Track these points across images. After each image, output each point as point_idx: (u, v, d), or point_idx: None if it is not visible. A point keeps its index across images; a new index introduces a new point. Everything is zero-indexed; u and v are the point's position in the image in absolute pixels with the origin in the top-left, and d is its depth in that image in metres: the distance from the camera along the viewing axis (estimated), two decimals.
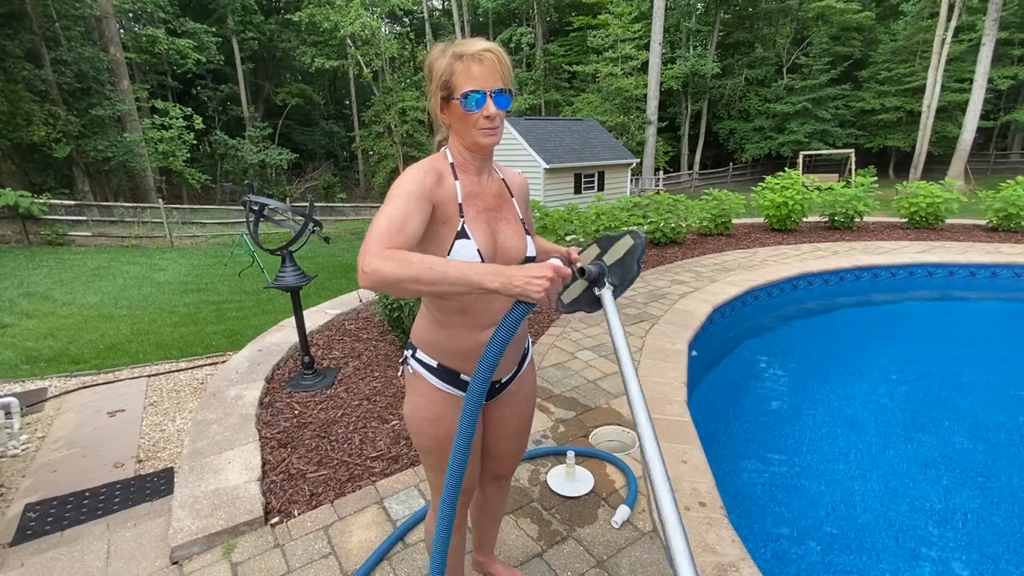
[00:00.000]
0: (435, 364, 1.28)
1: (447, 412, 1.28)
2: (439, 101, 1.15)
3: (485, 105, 1.10)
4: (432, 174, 1.13)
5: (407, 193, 1.07)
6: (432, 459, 1.35)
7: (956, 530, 2.47)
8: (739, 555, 1.85)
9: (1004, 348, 4.67)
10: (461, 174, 1.20)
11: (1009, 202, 7.70)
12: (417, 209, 1.06)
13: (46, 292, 7.52)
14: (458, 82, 1.09)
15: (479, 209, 1.20)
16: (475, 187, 1.21)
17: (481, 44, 1.10)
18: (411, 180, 1.09)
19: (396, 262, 0.92)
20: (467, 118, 1.12)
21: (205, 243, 13.65)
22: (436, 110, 1.17)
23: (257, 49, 26.23)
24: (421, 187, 1.09)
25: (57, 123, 14.99)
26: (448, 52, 1.11)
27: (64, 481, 2.61)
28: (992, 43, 16.89)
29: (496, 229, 1.22)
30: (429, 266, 0.92)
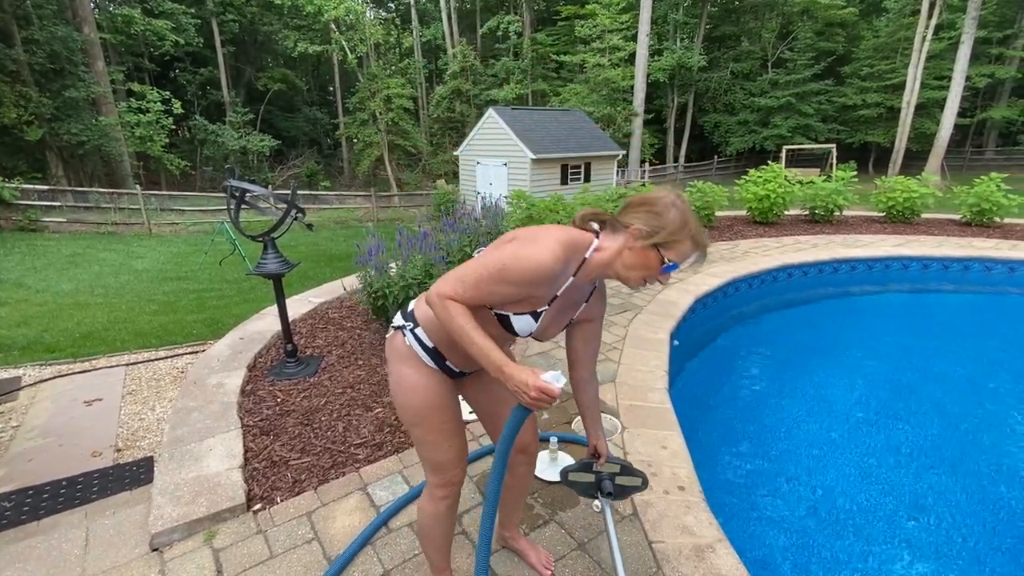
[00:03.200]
0: (431, 346, 1.38)
1: (430, 383, 1.39)
2: (650, 236, 1.19)
3: (666, 276, 1.24)
4: (553, 277, 1.21)
5: (513, 276, 1.18)
6: (422, 429, 1.41)
7: (926, 513, 2.56)
8: (716, 537, 1.91)
9: (975, 339, 4.83)
10: (581, 274, 1.29)
11: (982, 198, 7.91)
12: (507, 292, 1.21)
13: (18, 279, 7.31)
14: (675, 251, 1.20)
15: (561, 305, 1.34)
16: (574, 288, 1.33)
17: (707, 242, 1.24)
18: (533, 270, 1.17)
19: (448, 313, 1.18)
20: (650, 268, 1.22)
21: (185, 230, 13.37)
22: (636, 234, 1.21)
23: (238, 32, 25.56)
24: (535, 280, 1.19)
25: (29, 105, 14.47)
26: (690, 226, 1.19)
27: (40, 470, 2.57)
28: (970, 41, 17.21)
29: (554, 318, 1.37)
30: (462, 333, 1.17)
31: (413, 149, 24.26)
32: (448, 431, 1.42)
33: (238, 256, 9.09)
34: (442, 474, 1.45)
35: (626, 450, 2.44)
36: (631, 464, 1.69)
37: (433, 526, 1.53)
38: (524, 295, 1.23)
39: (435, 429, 1.40)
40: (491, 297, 1.22)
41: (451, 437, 1.43)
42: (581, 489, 1.70)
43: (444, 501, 1.48)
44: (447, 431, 1.42)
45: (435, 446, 1.42)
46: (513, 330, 1.32)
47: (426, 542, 1.59)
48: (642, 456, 2.39)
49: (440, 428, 1.41)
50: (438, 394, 1.40)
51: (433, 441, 1.41)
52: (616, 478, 1.65)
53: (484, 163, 16.00)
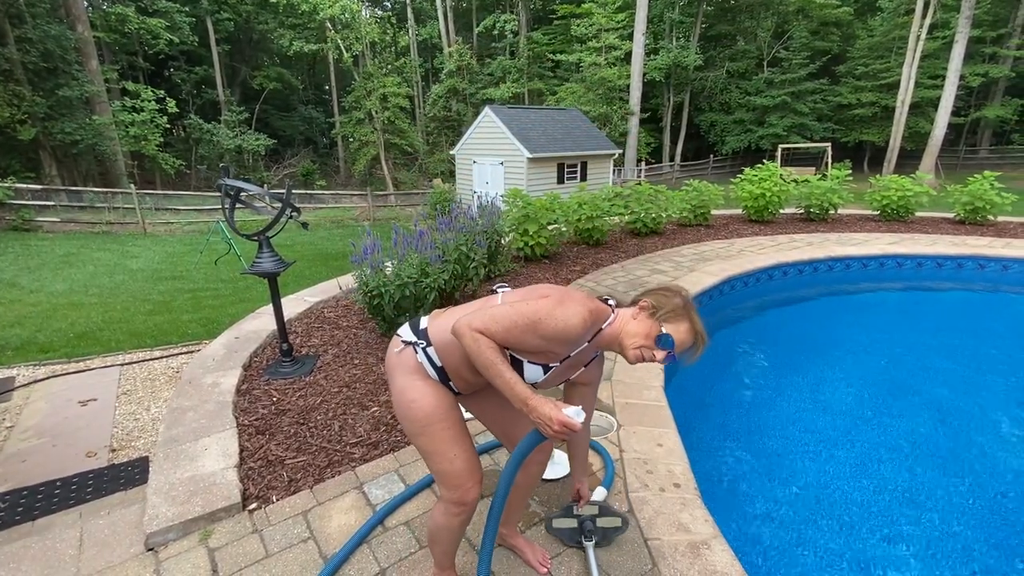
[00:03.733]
0: (439, 365, 1.44)
1: (435, 392, 1.44)
2: (656, 310, 1.35)
3: (660, 353, 1.33)
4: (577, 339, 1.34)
5: (545, 331, 1.28)
6: (427, 438, 1.42)
7: (919, 508, 2.58)
8: (711, 533, 1.91)
9: (968, 337, 4.86)
10: (595, 341, 1.41)
11: (976, 196, 7.95)
12: (534, 343, 1.31)
13: (12, 279, 7.27)
14: (673, 328, 1.33)
15: (569, 364, 1.45)
16: (584, 352, 1.44)
17: (705, 332, 1.36)
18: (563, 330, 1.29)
19: (479, 346, 1.26)
20: (644, 339, 1.34)
21: (180, 230, 13.31)
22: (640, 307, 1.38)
23: (233, 30, 25.44)
24: (562, 338, 1.30)
25: (22, 104, 14.36)
26: (690, 309, 1.36)
27: (34, 471, 2.55)
28: (964, 41, 17.30)
29: (559, 374, 1.47)
30: (490, 365, 1.25)
31: (409, 148, 24.21)
32: (453, 438, 1.43)
33: (233, 255, 9.06)
34: (455, 489, 1.43)
35: (622, 448, 2.44)
36: (610, 506, 1.93)
37: (444, 535, 1.54)
38: (545, 348, 1.34)
39: (440, 437, 1.41)
40: (517, 344, 1.32)
41: (457, 444, 1.43)
42: (567, 536, 1.89)
43: (458, 518, 1.48)
44: (452, 438, 1.43)
45: (442, 455, 1.42)
46: (523, 373, 1.39)
47: (434, 545, 1.60)
48: (638, 453, 2.39)
49: (445, 436, 1.42)
50: (441, 402, 1.43)
51: (440, 451, 1.42)
52: (597, 520, 1.85)
53: (480, 162, 15.98)
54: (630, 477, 2.24)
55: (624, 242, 7.20)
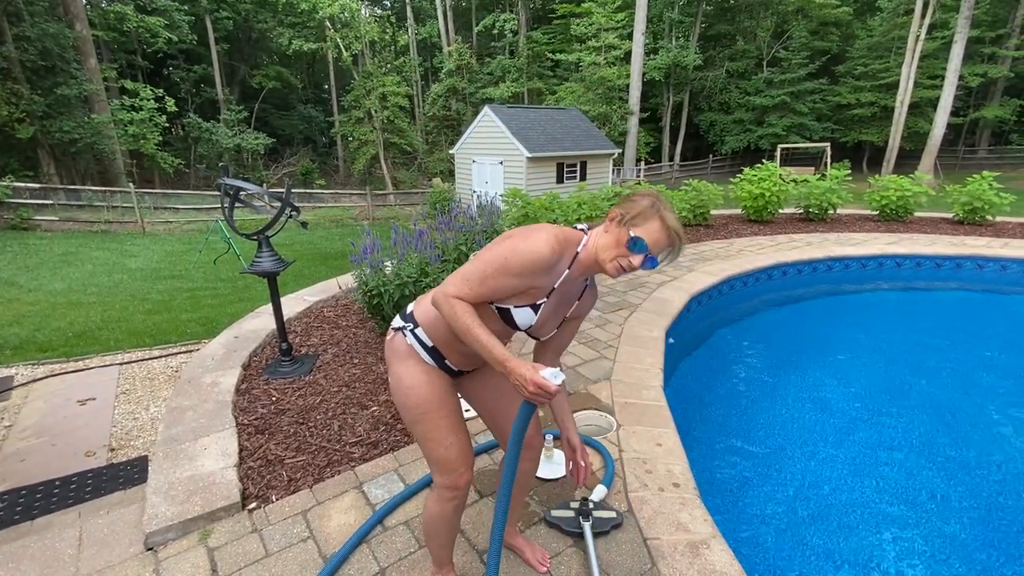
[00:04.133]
0: (430, 345, 1.43)
1: (427, 378, 1.44)
2: (624, 218, 1.29)
3: (637, 256, 1.27)
4: (549, 267, 1.29)
5: (508, 271, 1.25)
6: (423, 426, 1.43)
7: (918, 508, 2.59)
8: (710, 533, 1.92)
9: (967, 337, 4.86)
10: (575, 266, 1.36)
11: (974, 196, 7.96)
12: (511, 284, 1.28)
13: (10, 278, 7.26)
14: (642, 229, 1.25)
15: (559, 298, 1.40)
16: (570, 282, 1.39)
17: (679, 226, 1.28)
18: (533, 260, 1.25)
19: (454, 311, 1.25)
20: (619, 248, 1.28)
21: (179, 229, 13.29)
22: (610, 218, 1.32)
23: (232, 29, 25.40)
24: (534, 269, 1.27)
25: (20, 102, 14.34)
26: (658, 206, 1.27)
27: (33, 470, 2.55)
28: (964, 41, 17.32)
29: (552, 313, 1.42)
30: (467, 330, 1.23)
31: (409, 147, 24.19)
32: (449, 426, 1.44)
33: (232, 254, 9.06)
34: (448, 474, 1.46)
35: (621, 447, 2.45)
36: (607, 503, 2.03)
37: (439, 525, 1.54)
38: (526, 286, 1.30)
39: (436, 425, 1.42)
40: (496, 291, 1.29)
41: (453, 432, 1.45)
42: (565, 523, 1.94)
43: (451, 503, 1.49)
44: (448, 426, 1.44)
45: (438, 443, 1.43)
46: (514, 323, 1.36)
47: (431, 539, 1.60)
48: (637, 453, 2.40)
49: (441, 423, 1.43)
50: (438, 389, 1.43)
51: (436, 438, 1.43)
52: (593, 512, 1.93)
53: (480, 161, 15.98)
54: (629, 477, 2.24)
55: None
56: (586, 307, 1.52)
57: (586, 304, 1.52)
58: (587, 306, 1.53)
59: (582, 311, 1.52)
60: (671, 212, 1.28)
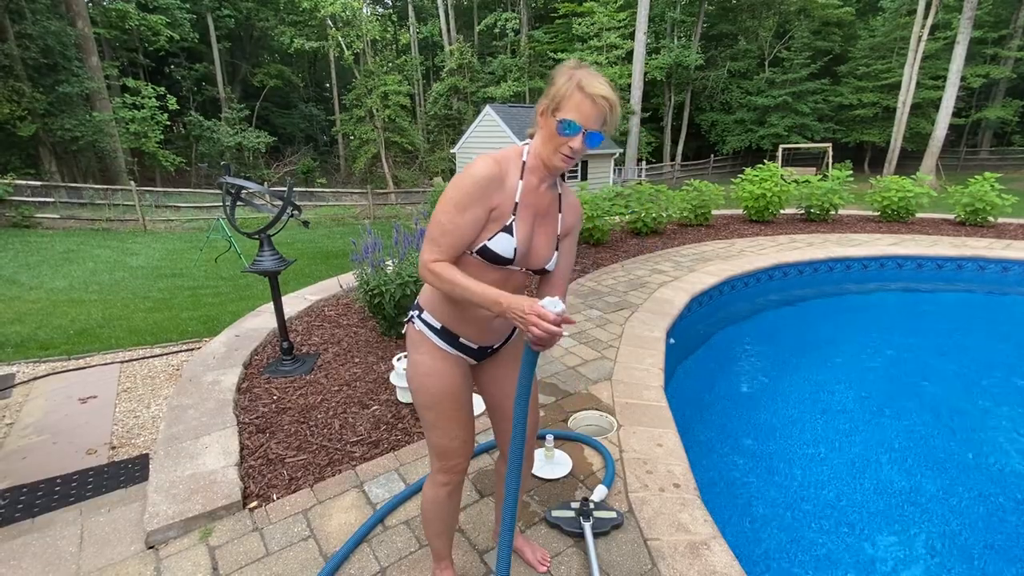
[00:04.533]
0: (439, 326, 1.41)
1: (445, 368, 1.41)
2: (547, 108, 1.24)
3: (575, 138, 1.21)
4: (495, 179, 1.25)
5: (462, 203, 1.23)
6: (433, 414, 1.43)
7: (918, 509, 2.59)
8: (711, 534, 1.92)
9: (968, 338, 4.86)
10: (528, 175, 1.31)
11: (976, 197, 7.95)
12: (470, 220, 1.24)
13: (12, 276, 7.27)
14: (566, 107, 1.19)
15: (530, 212, 1.33)
16: (534, 192, 1.33)
17: (602, 89, 1.19)
18: (473, 182, 1.23)
19: (437, 276, 1.24)
20: (556, 139, 1.22)
21: (180, 227, 13.30)
22: (540, 112, 1.26)
23: (233, 27, 25.43)
24: (480, 191, 1.23)
25: (22, 100, 14.34)
26: (575, 77, 1.19)
27: (34, 468, 2.55)
28: (966, 42, 17.28)
29: (535, 233, 1.35)
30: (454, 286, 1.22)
31: (410, 146, 24.19)
32: (458, 419, 1.44)
33: (234, 253, 9.06)
34: (445, 460, 1.47)
35: (622, 448, 2.45)
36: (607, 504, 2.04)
37: (434, 512, 1.55)
38: (485, 212, 1.26)
39: (446, 415, 1.43)
40: (463, 234, 1.25)
41: (460, 427, 1.45)
42: (566, 524, 1.94)
43: (445, 488, 1.50)
44: (457, 419, 1.44)
45: (443, 432, 1.44)
46: (500, 257, 1.29)
47: (427, 526, 1.61)
48: (638, 453, 2.40)
49: (451, 415, 1.43)
50: (452, 380, 1.42)
51: (443, 427, 1.44)
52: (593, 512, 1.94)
53: None
54: (630, 477, 2.24)
55: (624, 242, 7.20)
56: (571, 219, 1.43)
57: (570, 216, 1.43)
58: (572, 218, 1.43)
59: (569, 224, 1.43)
60: (592, 77, 1.20)
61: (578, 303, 4.62)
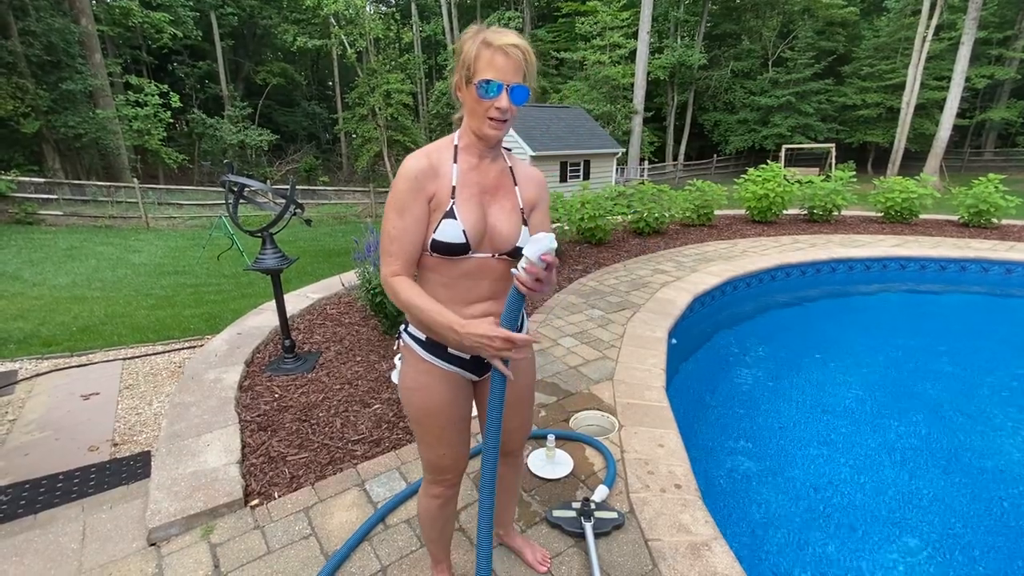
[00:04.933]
0: (423, 337, 1.33)
1: (431, 383, 1.34)
2: (461, 80, 1.18)
3: (499, 97, 1.14)
4: (425, 170, 1.21)
5: (400, 206, 1.20)
6: (419, 429, 1.39)
7: (921, 510, 2.58)
8: (712, 535, 1.91)
9: (971, 340, 4.84)
10: (463, 155, 1.26)
11: (980, 199, 7.92)
12: (412, 221, 1.20)
13: (15, 272, 7.29)
14: (479, 68, 1.13)
15: (474, 191, 1.25)
16: (473, 170, 1.27)
17: (510, 38, 1.13)
18: (404, 181, 1.20)
19: (394, 292, 1.21)
20: (480, 105, 1.16)
21: (182, 225, 13.32)
22: (456, 88, 1.21)
23: (237, 25, 25.43)
24: (413, 187, 1.20)
25: (25, 97, 14.37)
26: (479, 37, 1.14)
27: (37, 464, 2.56)
28: (971, 42, 17.21)
29: (489, 212, 1.27)
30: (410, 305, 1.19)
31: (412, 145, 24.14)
32: (445, 438, 1.38)
33: (236, 251, 9.07)
34: (434, 473, 1.44)
35: (623, 448, 2.44)
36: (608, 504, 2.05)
37: (428, 520, 1.54)
38: (424, 208, 1.21)
39: (432, 433, 1.37)
40: (412, 238, 1.21)
41: (446, 444, 1.39)
42: (567, 524, 1.95)
43: (436, 500, 1.48)
44: (444, 438, 1.38)
45: (430, 448, 1.40)
46: (454, 247, 1.22)
47: (423, 533, 1.61)
48: (639, 454, 2.39)
49: (437, 433, 1.37)
50: (440, 397, 1.34)
51: (428, 443, 1.39)
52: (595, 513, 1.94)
53: None
54: (631, 478, 2.24)
55: (627, 241, 7.19)
56: (532, 190, 1.34)
57: (529, 187, 1.34)
58: (532, 189, 1.35)
59: (531, 196, 1.34)
60: (498, 31, 1.14)
61: (580, 303, 4.62)
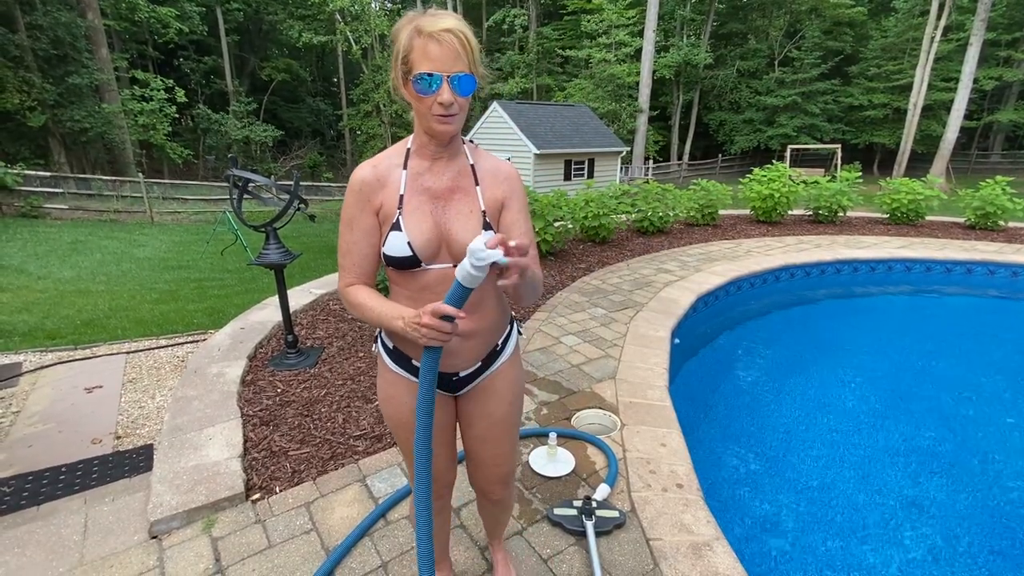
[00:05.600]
0: (391, 347, 1.28)
1: (398, 393, 1.29)
2: (398, 77, 1.07)
3: (440, 90, 1.02)
4: (369, 182, 1.15)
5: (348, 219, 1.17)
6: (396, 438, 1.39)
7: (922, 513, 2.56)
8: (714, 535, 1.91)
9: (976, 342, 4.82)
10: (414, 159, 1.17)
11: (987, 201, 7.87)
12: (361, 234, 1.17)
13: (20, 265, 7.32)
14: (415, 61, 1.01)
15: (425, 199, 1.15)
16: (425, 174, 1.16)
17: (445, 22, 1.00)
18: (351, 194, 1.16)
19: (348, 302, 1.20)
20: (421, 101, 1.05)
21: (187, 219, 13.36)
22: (398, 86, 1.09)
23: (242, 21, 25.43)
24: (359, 200, 1.15)
25: (32, 91, 14.43)
26: (411, 24, 1.02)
27: (40, 456, 2.57)
28: (979, 43, 17.09)
29: (443, 219, 1.15)
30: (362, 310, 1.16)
31: None
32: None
33: (240, 246, 9.09)
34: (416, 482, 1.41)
35: (625, 447, 2.44)
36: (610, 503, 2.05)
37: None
38: (372, 220, 1.15)
39: (405, 443, 1.33)
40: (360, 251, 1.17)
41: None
42: (568, 522, 1.94)
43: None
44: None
45: (407, 457, 1.37)
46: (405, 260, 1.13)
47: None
48: (641, 453, 2.39)
49: (408, 444, 1.31)
50: (407, 409, 1.26)
51: (405, 453, 1.36)
52: (596, 511, 1.94)
53: None
54: (633, 477, 2.23)
55: (631, 241, 7.17)
56: (495, 189, 1.21)
57: (493, 186, 1.21)
58: (496, 187, 1.21)
59: (496, 195, 1.21)
60: (431, 16, 1.02)
61: (583, 301, 4.61)
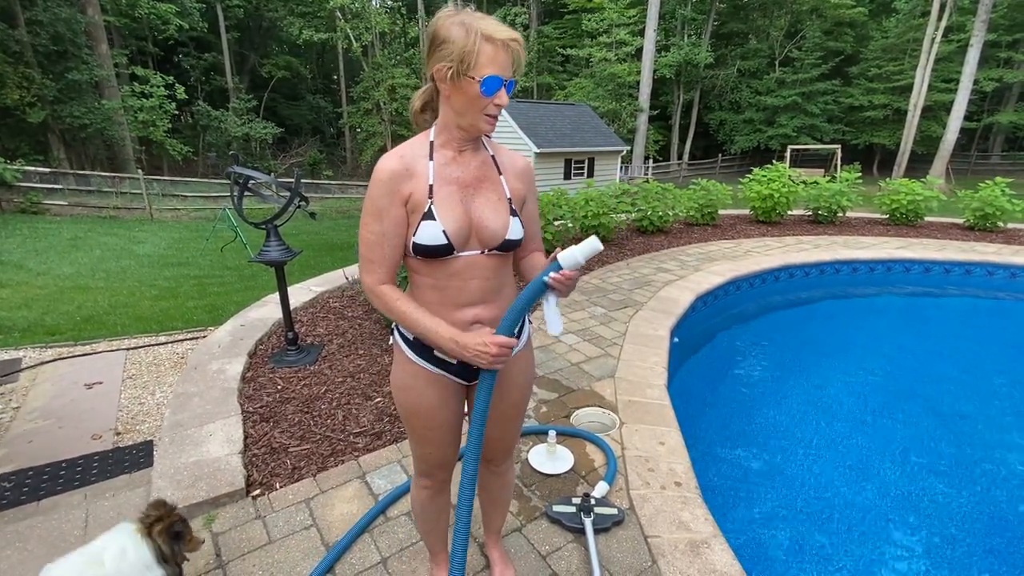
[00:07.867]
0: (411, 337, 1.29)
1: (416, 383, 1.31)
2: (448, 71, 1.08)
3: (499, 93, 1.10)
4: (399, 172, 1.16)
5: (376, 210, 1.16)
6: (407, 426, 1.40)
7: (922, 513, 2.58)
8: (711, 533, 1.92)
9: (974, 343, 4.83)
10: (440, 151, 1.20)
11: (986, 202, 7.88)
12: (391, 224, 1.16)
13: (19, 261, 7.31)
14: (481, 63, 1.06)
15: (454, 187, 1.19)
16: (451, 165, 1.20)
17: (508, 32, 1.08)
18: (377, 185, 1.15)
19: (384, 302, 1.20)
20: (478, 101, 1.10)
21: (186, 216, 13.35)
22: (441, 79, 1.11)
23: (243, 17, 25.38)
24: (388, 190, 1.15)
25: (32, 86, 14.40)
26: (474, 29, 1.06)
27: (40, 452, 2.58)
28: (980, 45, 17.09)
29: (472, 207, 1.20)
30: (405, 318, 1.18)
31: None
32: (430, 439, 1.37)
33: (240, 243, 9.09)
34: (422, 467, 1.45)
35: (624, 445, 2.45)
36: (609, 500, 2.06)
37: (419, 511, 1.55)
38: (401, 210, 1.16)
39: (417, 432, 1.37)
40: (390, 242, 1.17)
41: (433, 446, 1.38)
42: (567, 519, 1.95)
43: (426, 490, 1.48)
44: (429, 439, 1.37)
45: (416, 445, 1.40)
46: (438, 249, 1.16)
47: (419, 525, 1.61)
48: (640, 451, 2.40)
49: (421, 433, 1.36)
50: (426, 400, 1.31)
51: (415, 441, 1.40)
52: (595, 509, 1.94)
53: None
54: (631, 475, 2.24)
55: (630, 240, 7.18)
56: (517, 182, 1.28)
57: (514, 179, 1.28)
58: (517, 180, 1.28)
59: (518, 188, 1.28)
60: (492, 23, 1.07)
61: (582, 300, 4.61)
